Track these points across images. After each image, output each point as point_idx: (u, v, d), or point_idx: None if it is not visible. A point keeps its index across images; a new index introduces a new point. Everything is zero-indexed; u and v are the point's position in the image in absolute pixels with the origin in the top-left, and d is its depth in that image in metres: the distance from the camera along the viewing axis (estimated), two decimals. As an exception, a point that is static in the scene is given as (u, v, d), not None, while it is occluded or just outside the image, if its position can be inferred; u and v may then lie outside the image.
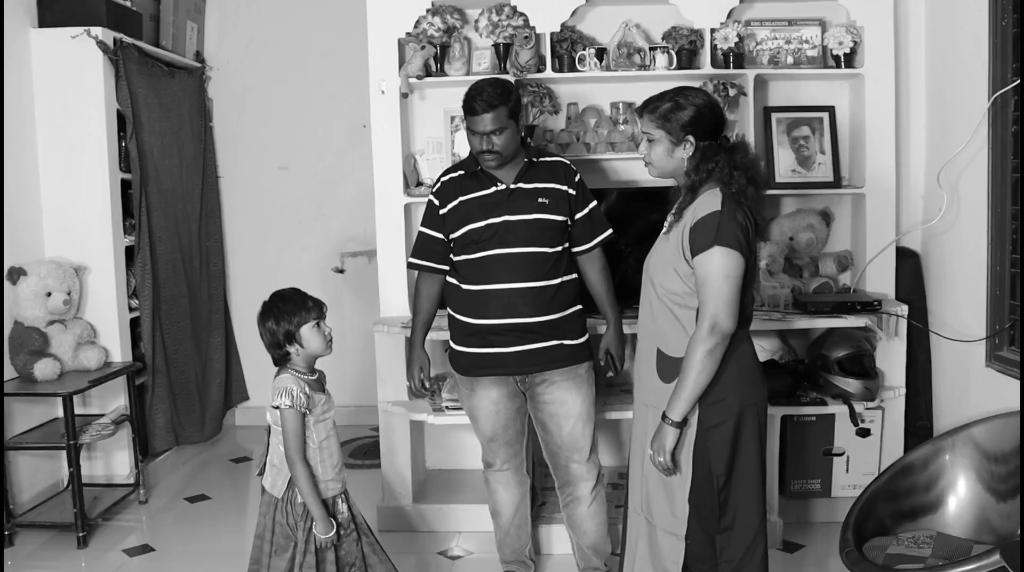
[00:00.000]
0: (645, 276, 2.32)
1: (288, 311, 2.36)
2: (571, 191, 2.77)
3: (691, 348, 2.10)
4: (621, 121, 3.59)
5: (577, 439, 2.79)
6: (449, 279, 2.84)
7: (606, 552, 2.93)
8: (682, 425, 2.15)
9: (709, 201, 2.13)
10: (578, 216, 2.79)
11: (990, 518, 2.63)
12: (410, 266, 2.94)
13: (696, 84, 3.48)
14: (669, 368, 2.19)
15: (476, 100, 2.63)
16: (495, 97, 2.62)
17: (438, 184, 2.85)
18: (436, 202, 2.82)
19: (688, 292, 2.15)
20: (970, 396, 3.20)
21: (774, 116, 3.58)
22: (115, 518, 3.63)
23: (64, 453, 3.55)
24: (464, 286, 2.77)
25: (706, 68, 3.49)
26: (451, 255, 2.81)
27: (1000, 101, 2.93)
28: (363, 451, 4.30)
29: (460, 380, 2.87)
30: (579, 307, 2.82)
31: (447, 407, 3.31)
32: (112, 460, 3.84)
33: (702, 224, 2.10)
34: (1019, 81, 2.82)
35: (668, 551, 2.23)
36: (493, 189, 2.73)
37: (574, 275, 2.82)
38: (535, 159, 2.78)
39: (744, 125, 3.50)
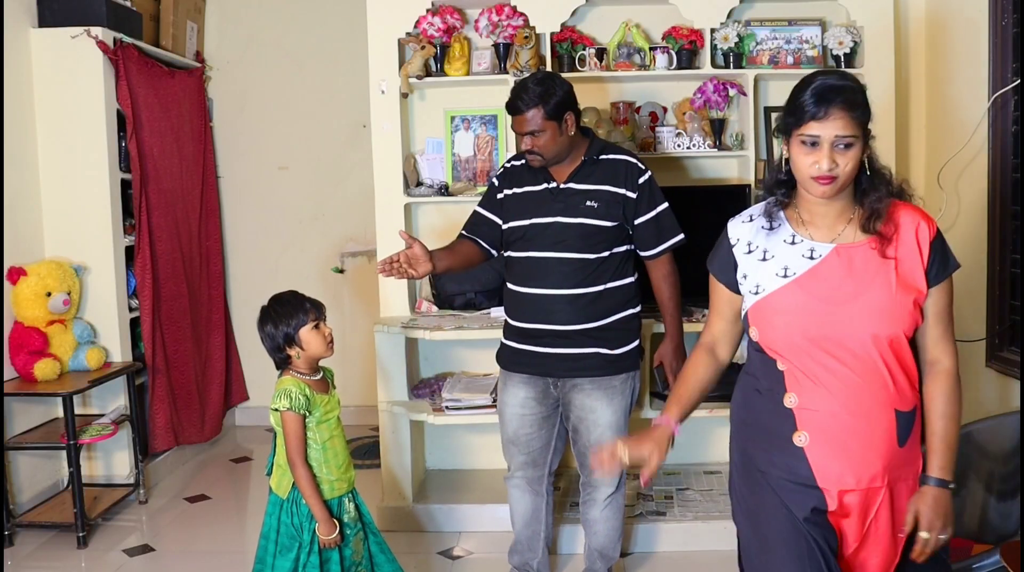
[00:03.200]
0: (854, 339, 1.71)
1: (286, 314, 2.36)
2: (630, 194, 2.61)
3: (956, 392, 1.77)
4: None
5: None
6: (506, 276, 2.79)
7: (612, 558, 2.91)
8: None
9: (917, 213, 1.79)
10: (640, 220, 2.64)
11: (990, 518, 2.63)
12: (459, 237, 2.85)
13: (696, 84, 3.49)
14: (906, 427, 1.76)
15: (517, 98, 2.55)
16: (534, 97, 2.51)
17: (502, 169, 2.81)
18: (496, 184, 2.78)
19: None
20: (970, 396, 3.19)
21: (774, 116, 3.58)
22: (115, 518, 3.63)
23: (64, 453, 3.56)
24: (509, 285, 2.74)
25: (706, 68, 3.49)
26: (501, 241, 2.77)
27: (1000, 101, 2.93)
28: (363, 451, 4.29)
29: (500, 374, 2.84)
30: (628, 313, 2.68)
31: (447, 407, 3.31)
32: (112, 460, 3.83)
33: (943, 243, 1.78)
34: (1019, 81, 2.82)
35: None
36: (543, 186, 2.66)
37: (626, 280, 2.68)
38: (596, 157, 2.64)
39: (744, 125, 3.50)
